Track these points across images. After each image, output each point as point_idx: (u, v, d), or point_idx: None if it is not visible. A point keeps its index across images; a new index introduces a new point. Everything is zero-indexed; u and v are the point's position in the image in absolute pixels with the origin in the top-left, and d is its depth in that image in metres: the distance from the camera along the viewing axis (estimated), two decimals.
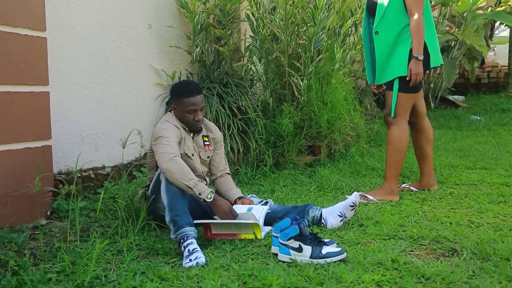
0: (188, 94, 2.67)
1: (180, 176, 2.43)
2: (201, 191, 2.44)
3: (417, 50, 3.04)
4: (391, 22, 3.15)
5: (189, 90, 2.69)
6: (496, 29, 9.23)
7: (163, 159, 2.48)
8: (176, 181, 2.43)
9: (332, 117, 4.31)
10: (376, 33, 3.19)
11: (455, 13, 7.51)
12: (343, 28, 4.51)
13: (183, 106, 2.67)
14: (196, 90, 2.70)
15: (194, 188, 2.43)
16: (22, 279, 1.97)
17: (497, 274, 1.92)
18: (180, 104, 2.68)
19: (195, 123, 2.71)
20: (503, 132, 6.05)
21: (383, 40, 3.18)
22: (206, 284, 1.92)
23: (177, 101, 2.70)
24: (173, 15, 4.19)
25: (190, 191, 2.44)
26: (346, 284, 1.89)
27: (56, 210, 2.94)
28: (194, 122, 2.70)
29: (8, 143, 2.65)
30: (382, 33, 3.17)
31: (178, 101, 2.69)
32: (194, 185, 2.43)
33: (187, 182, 2.42)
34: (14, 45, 2.67)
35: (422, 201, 3.14)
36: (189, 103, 2.66)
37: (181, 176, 2.43)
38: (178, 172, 2.43)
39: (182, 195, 2.45)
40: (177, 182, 2.43)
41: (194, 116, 2.68)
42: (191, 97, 2.66)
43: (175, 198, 2.42)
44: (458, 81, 9.23)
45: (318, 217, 2.68)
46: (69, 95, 3.33)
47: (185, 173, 2.45)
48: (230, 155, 3.93)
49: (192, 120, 2.69)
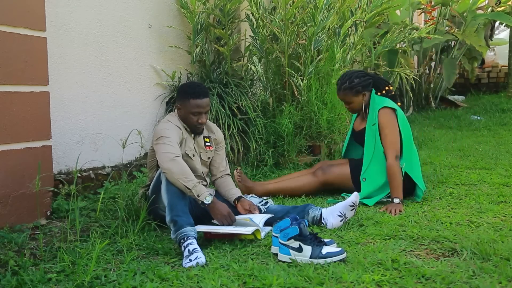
0: (195, 96, 2.66)
1: (179, 176, 2.43)
2: (200, 193, 2.44)
3: (396, 194, 3.02)
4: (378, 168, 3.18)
5: (197, 92, 2.68)
6: (496, 29, 9.23)
7: (164, 159, 2.48)
8: (176, 181, 2.43)
9: (332, 117, 4.31)
10: (363, 179, 3.21)
11: (455, 13, 7.51)
12: (343, 28, 4.51)
13: (189, 107, 2.67)
14: (204, 93, 2.71)
15: (192, 190, 2.43)
16: (22, 279, 1.97)
17: (497, 274, 1.92)
18: (186, 105, 2.68)
19: (198, 126, 2.71)
20: (503, 132, 6.05)
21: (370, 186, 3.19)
22: (206, 284, 1.92)
23: (183, 101, 2.70)
24: (173, 15, 4.19)
25: (188, 192, 2.44)
26: (346, 284, 1.89)
27: (56, 210, 2.94)
28: (197, 125, 2.70)
29: (8, 143, 2.65)
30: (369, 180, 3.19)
31: (184, 101, 2.69)
32: (193, 186, 2.43)
33: (186, 183, 2.42)
34: (14, 45, 2.67)
35: (422, 201, 3.14)
36: (195, 105, 2.66)
37: (181, 176, 2.43)
38: (178, 173, 2.43)
39: (182, 195, 2.45)
40: (177, 183, 2.43)
41: (198, 118, 2.68)
42: (198, 99, 2.66)
43: (175, 198, 2.42)
44: (458, 81, 9.24)
45: (318, 217, 2.68)
46: (69, 95, 3.33)
47: (185, 174, 2.45)
48: (230, 155, 3.93)
49: (195, 122, 2.69)
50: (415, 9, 7.62)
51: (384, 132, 3.16)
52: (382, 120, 3.17)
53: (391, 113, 3.19)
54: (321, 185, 3.34)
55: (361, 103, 3.28)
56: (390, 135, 3.14)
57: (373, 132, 3.20)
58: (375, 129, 3.19)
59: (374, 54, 5.26)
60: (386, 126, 3.16)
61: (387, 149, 3.13)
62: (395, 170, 3.05)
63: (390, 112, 3.19)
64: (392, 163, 3.07)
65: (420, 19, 9.70)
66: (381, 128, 3.17)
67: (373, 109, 3.23)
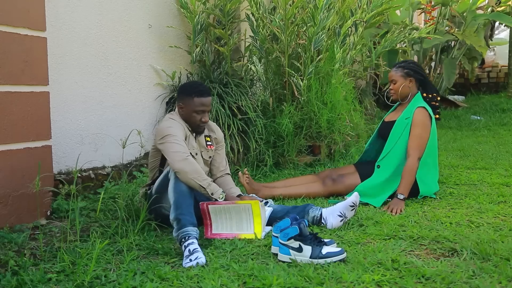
0: (199, 94, 2.68)
1: (194, 176, 2.44)
2: (214, 191, 2.48)
3: (402, 190, 3.04)
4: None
5: (201, 90, 2.70)
6: (496, 29, 9.23)
7: (176, 159, 2.48)
8: (190, 180, 2.44)
9: (332, 117, 4.31)
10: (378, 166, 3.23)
11: (455, 13, 7.52)
12: (343, 28, 4.51)
13: (192, 106, 2.68)
14: (207, 92, 2.73)
15: (207, 188, 2.46)
16: (22, 279, 1.97)
17: (497, 274, 1.92)
18: (189, 104, 2.68)
19: (201, 125, 2.72)
20: (503, 132, 6.05)
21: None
22: (206, 284, 1.92)
23: (186, 100, 2.70)
24: (173, 15, 4.19)
25: (203, 190, 2.46)
26: (346, 284, 1.89)
27: (56, 210, 2.94)
28: (200, 124, 2.71)
29: (8, 143, 2.65)
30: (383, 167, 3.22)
31: (188, 100, 2.69)
32: (207, 185, 2.46)
33: (201, 182, 2.44)
34: (14, 45, 2.67)
35: (422, 201, 3.14)
36: (199, 103, 2.67)
37: (195, 176, 2.44)
38: (192, 172, 2.44)
39: (189, 195, 2.45)
40: (191, 182, 2.44)
41: (202, 117, 2.69)
42: (202, 97, 2.68)
43: (181, 197, 2.42)
44: (458, 81, 9.24)
45: (318, 217, 2.68)
46: (69, 95, 3.33)
47: (198, 173, 2.46)
48: (230, 155, 3.93)
49: (199, 121, 2.70)
50: (415, 9, 7.62)
51: (415, 131, 3.17)
52: (417, 118, 3.19)
53: (428, 116, 3.22)
54: (329, 194, 3.35)
55: (404, 87, 3.30)
56: (420, 136, 3.16)
57: (404, 125, 3.21)
58: (407, 122, 3.21)
59: (374, 54, 5.26)
60: (419, 126, 3.18)
61: (413, 148, 3.14)
62: (412, 169, 3.08)
63: (427, 114, 3.23)
64: (414, 162, 3.10)
65: (420, 19, 9.70)
66: (414, 126, 3.18)
67: (412, 105, 3.26)
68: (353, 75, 5.31)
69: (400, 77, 3.32)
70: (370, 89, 6.85)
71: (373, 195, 3.12)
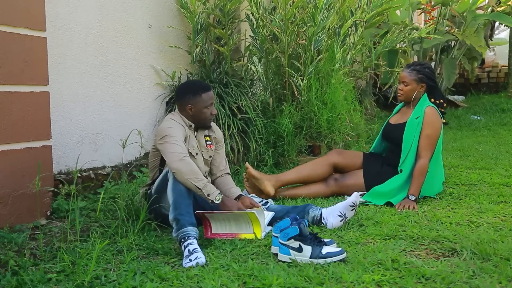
0: (205, 90, 2.73)
1: (190, 176, 2.43)
2: (210, 192, 2.46)
3: (414, 191, 3.05)
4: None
5: (204, 86, 2.77)
6: (496, 29, 9.23)
7: (173, 159, 2.48)
8: (186, 181, 2.44)
9: (332, 117, 4.31)
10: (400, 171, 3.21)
11: (455, 13, 7.51)
12: (343, 28, 4.51)
13: (202, 102, 2.71)
14: (208, 85, 2.82)
15: (203, 189, 2.45)
16: (22, 279, 1.97)
17: (497, 274, 1.92)
18: (199, 101, 2.70)
19: (211, 118, 2.78)
20: (503, 132, 6.05)
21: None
22: (206, 284, 1.92)
23: (194, 99, 2.71)
24: (173, 15, 4.19)
25: (199, 191, 2.45)
26: (346, 284, 1.89)
27: (56, 210, 2.94)
28: (211, 117, 2.77)
29: (8, 143, 2.65)
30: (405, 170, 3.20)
31: (196, 98, 2.71)
32: (203, 186, 2.45)
33: (196, 183, 2.44)
34: (14, 45, 2.67)
35: (422, 201, 3.14)
36: (208, 97, 2.72)
37: (191, 176, 2.44)
38: (188, 173, 2.44)
39: (188, 194, 2.45)
40: (187, 183, 2.44)
41: (211, 110, 2.75)
42: (208, 92, 2.74)
43: (180, 197, 2.42)
44: (458, 81, 9.23)
45: (318, 217, 2.68)
46: (69, 95, 3.33)
47: (195, 173, 2.45)
48: (230, 155, 3.93)
49: (209, 115, 2.75)
50: (415, 9, 7.62)
51: (426, 131, 3.16)
52: (429, 117, 3.18)
53: (438, 115, 3.22)
54: (332, 194, 3.35)
55: (414, 91, 3.27)
56: (432, 136, 3.16)
57: (415, 126, 3.19)
58: (418, 121, 3.19)
59: (374, 54, 5.26)
60: (430, 125, 3.17)
61: (425, 149, 3.14)
62: (424, 170, 3.09)
63: (437, 114, 3.22)
64: (426, 163, 3.10)
65: (420, 19, 9.70)
66: (426, 125, 3.17)
67: (421, 105, 3.24)
68: (353, 75, 5.32)
69: (412, 81, 3.26)
70: (370, 89, 6.85)
71: (393, 195, 3.12)
